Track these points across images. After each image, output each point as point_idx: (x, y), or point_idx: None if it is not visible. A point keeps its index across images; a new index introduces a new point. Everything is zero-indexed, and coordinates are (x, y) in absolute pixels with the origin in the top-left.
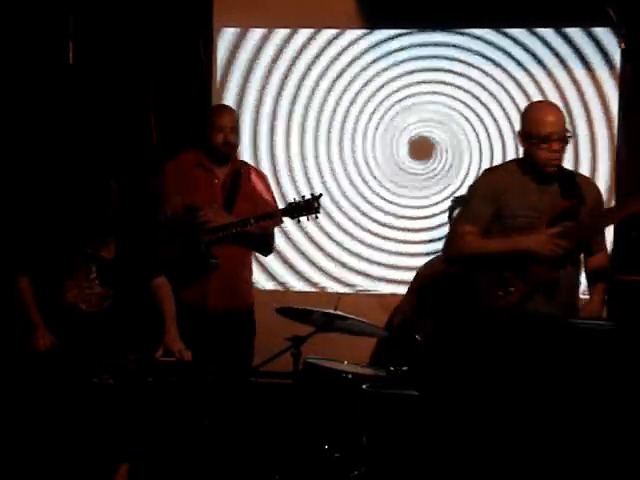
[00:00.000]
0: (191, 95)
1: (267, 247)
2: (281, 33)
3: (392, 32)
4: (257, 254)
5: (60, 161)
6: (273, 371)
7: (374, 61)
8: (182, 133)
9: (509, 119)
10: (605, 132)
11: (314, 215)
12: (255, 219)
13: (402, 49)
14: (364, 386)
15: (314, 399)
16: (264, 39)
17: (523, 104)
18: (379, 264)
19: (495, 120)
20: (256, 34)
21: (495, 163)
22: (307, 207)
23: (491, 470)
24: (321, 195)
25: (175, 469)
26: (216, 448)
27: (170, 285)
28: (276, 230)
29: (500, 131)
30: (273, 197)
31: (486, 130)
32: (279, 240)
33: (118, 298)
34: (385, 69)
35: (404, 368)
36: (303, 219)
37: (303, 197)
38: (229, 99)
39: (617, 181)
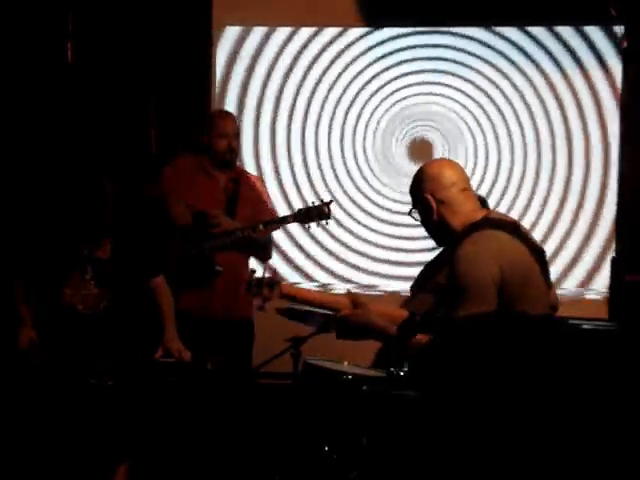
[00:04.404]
0: (191, 94)
1: (267, 252)
2: (282, 32)
3: (391, 33)
4: None
5: (58, 161)
6: (272, 372)
7: (372, 63)
8: (182, 133)
9: (504, 119)
10: (598, 132)
11: (324, 221)
12: (264, 225)
13: (399, 50)
14: (364, 387)
15: (314, 400)
16: (265, 38)
17: (518, 103)
18: (382, 261)
19: (490, 121)
20: (257, 33)
21: (491, 163)
22: (318, 213)
23: (492, 472)
24: (331, 201)
25: (175, 469)
26: (216, 448)
27: (169, 286)
28: (280, 230)
29: (495, 131)
30: (271, 202)
31: (482, 130)
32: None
33: (115, 298)
34: (384, 70)
35: (405, 369)
36: (313, 225)
37: (313, 203)
38: (230, 98)
39: (619, 184)
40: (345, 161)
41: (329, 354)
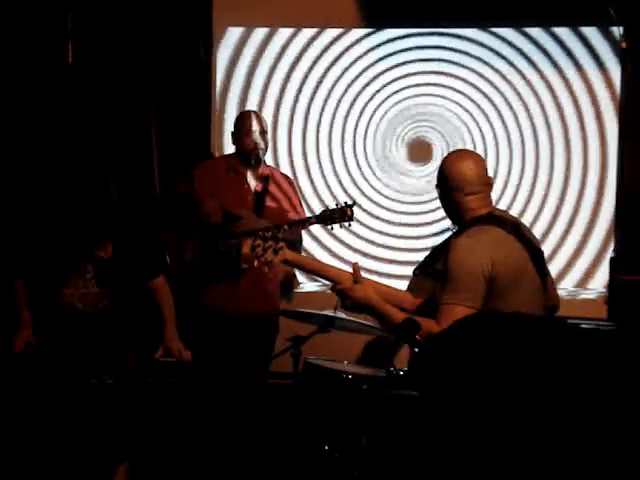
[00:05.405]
0: (191, 94)
1: (296, 251)
2: (284, 32)
3: (391, 34)
4: None
5: (58, 161)
6: (273, 371)
7: (374, 63)
8: (183, 132)
9: (503, 120)
10: (595, 131)
11: (347, 223)
12: (289, 225)
13: (399, 51)
14: (364, 387)
15: (314, 400)
16: (267, 38)
17: (516, 104)
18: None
19: (489, 121)
20: (259, 34)
21: (489, 163)
22: (341, 215)
23: (491, 472)
24: (355, 203)
25: (175, 469)
26: (216, 448)
27: (169, 286)
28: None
29: (493, 131)
30: (299, 201)
31: (480, 131)
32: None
33: (115, 298)
34: (384, 71)
35: (404, 368)
36: (336, 226)
37: (337, 204)
38: (231, 99)
39: (617, 183)
40: (346, 161)
41: (329, 354)
